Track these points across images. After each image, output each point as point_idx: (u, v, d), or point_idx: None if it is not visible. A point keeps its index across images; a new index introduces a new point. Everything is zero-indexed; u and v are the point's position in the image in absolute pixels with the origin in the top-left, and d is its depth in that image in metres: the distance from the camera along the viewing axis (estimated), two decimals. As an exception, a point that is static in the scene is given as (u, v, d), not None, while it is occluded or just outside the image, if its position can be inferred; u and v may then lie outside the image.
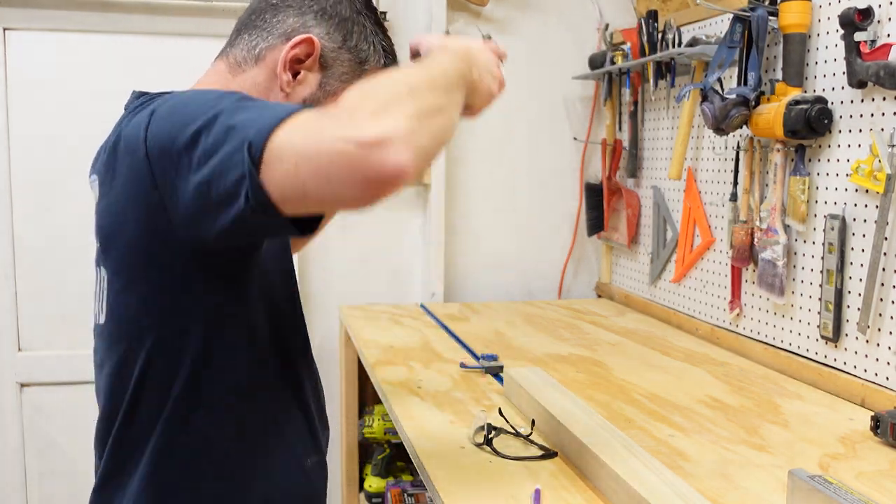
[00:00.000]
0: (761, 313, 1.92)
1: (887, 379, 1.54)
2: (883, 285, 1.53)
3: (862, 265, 1.59)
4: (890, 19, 1.52)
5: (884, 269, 1.53)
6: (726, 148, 2.01)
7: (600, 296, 2.80)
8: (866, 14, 1.53)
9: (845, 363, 1.65)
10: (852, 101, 1.61)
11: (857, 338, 1.61)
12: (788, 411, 1.55)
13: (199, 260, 1.00)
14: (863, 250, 1.59)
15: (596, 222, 2.68)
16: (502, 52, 1.11)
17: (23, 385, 2.54)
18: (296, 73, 1.11)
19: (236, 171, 0.81)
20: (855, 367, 1.62)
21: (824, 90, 1.69)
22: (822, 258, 1.68)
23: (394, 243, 2.72)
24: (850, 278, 1.62)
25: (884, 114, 1.53)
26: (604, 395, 1.64)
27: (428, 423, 1.47)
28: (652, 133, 2.42)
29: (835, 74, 1.66)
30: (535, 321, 2.34)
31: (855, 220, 1.61)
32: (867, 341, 1.58)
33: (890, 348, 1.53)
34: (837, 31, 1.63)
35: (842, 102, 1.64)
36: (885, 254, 1.52)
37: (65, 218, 2.50)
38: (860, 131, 1.60)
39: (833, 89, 1.67)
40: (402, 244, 2.73)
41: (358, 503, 2.55)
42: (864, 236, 1.59)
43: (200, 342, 1.04)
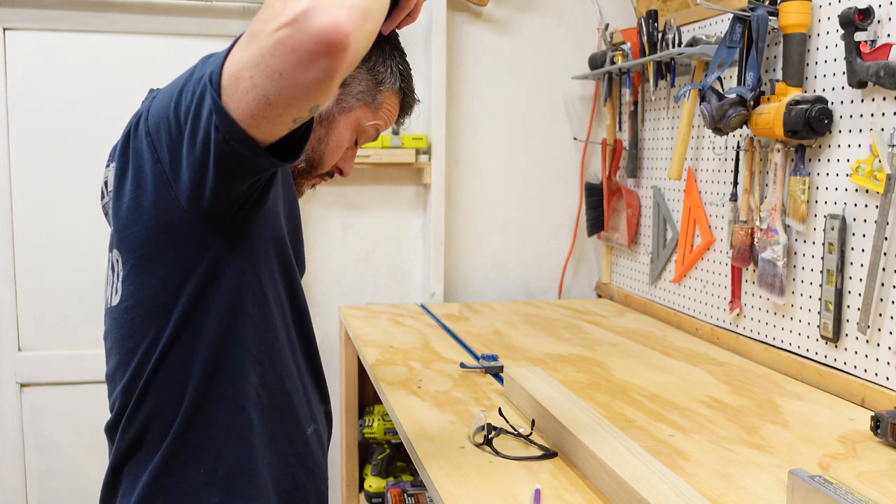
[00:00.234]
0: (761, 313, 1.92)
1: (887, 379, 1.54)
2: (883, 285, 1.53)
3: (862, 265, 1.59)
4: (890, 19, 1.52)
5: (884, 269, 1.53)
6: (726, 148, 2.01)
7: (600, 296, 2.80)
8: (866, 14, 1.53)
9: (845, 363, 1.65)
10: (852, 101, 1.61)
11: (857, 338, 1.61)
12: (788, 411, 1.55)
13: (212, 231, 1.03)
14: (863, 250, 1.59)
15: (596, 222, 2.68)
16: None
17: (23, 385, 2.54)
18: None
19: (205, 107, 0.86)
20: (855, 367, 1.62)
21: (824, 90, 1.69)
22: (822, 258, 1.68)
23: (394, 243, 2.72)
24: (850, 278, 1.62)
25: (884, 114, 1.53)
26: (604, 395, 1.64)
27: (428, 423, 1.47)
28: (652, 133, 2.42)
29: (835, 74, 1.66)
30: (535, 321, 2.34)
31: (855, 220, 1.61)
32: (867, 341, 1.58)
33: (890, 348, 1.53)
34: (837, 31, 1.63)
35: (842, 102, 1.64)
36: (885, 254, 1.52)
37: (65, 218, 2.50)
38: (860, 131, 1.60)
39: (833, 89, 1.67)
40: (402, 244, 2.73)
41: (358, 503, 2.55)
42: (864, 236, 1.59)
43: (222, 313, 1.07)
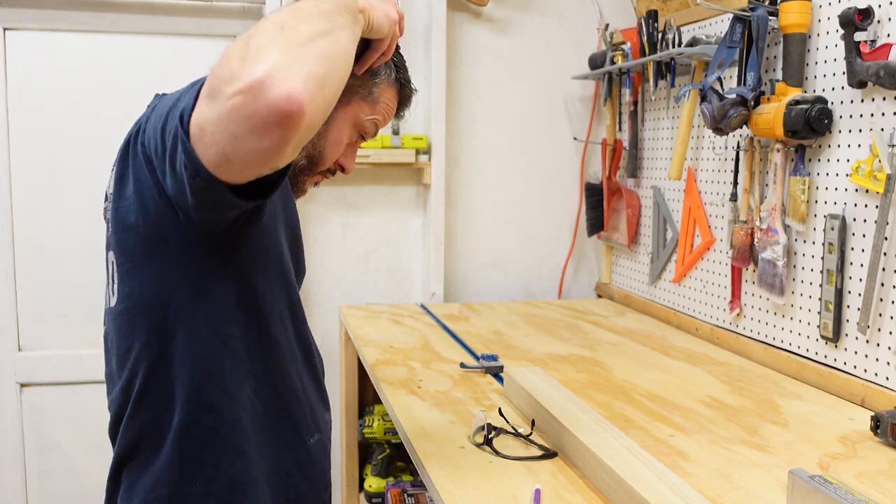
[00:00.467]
0: (761, 313, 1.92)
1: (887, 379, 1.54)
2: (883, 285, 1.53)
3: (862, 265, 1.59)
4: (890, 19, 1.52)
5: (884, 269, 1.53)
6: (726, 148, 2.01)
7: (600, 296, 2.80)
8: (866, 14, 1.53)
9: (845, 363, 1.65)
10: (852, 101, 1.61)
11: (857, 338, 1.61)
12: (788, 411, 1.55)
13: (206, 243, 1.04)
14: (863, 250, 1.59)
15: (596, 222, 2.68)
16: None
17: (23, 385, 2.54)
18: None
19: (179, 146, 0.87)
20: (855, 367, 1.62)
21: (824, 90, 1.69)
22: (822, 258, 1.68)
23: (394, 243, 2.72)
24: (850, 278, 1.62)
25: (884, 114, 1.53)
26: (604, 395, 1.64)
27: (428, 423, 1.47)
28: (652, 133, 2.42)
29: (835, 74, 1.66)
30: (535, 321, 2.34)
31: (855, 220, 1.61)
32: (867, 341, 1.58)
33: (890, 348, 1.53)
34: (837, 31, 1.63)
35: (842, 102, 1.64)
36: (885, 254, 1.52)
37: (65, 218, 2.50)
38: (860, 131, 1.60)
39: (833, 89, 1.67)
40: (402, 244, 2.73)
41: (358, 503, 2.55)
42: (864, 236, 1.59)
43: (214, 323, 1.08)
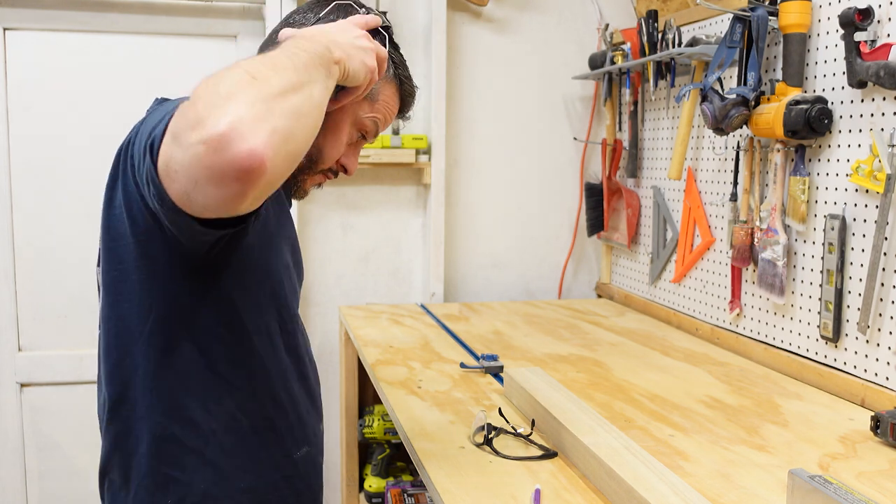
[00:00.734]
0: (761, 313, 1.92)
1: (887, 379, 1.54)
2: (883, 285, 1.53)
3: (862, 265, 1.59)
4: (890, 19, 1.52)
5: (884, 269, 1.53)
6: (726, 148, 2.01)
7: (600, 296, 2.80)
8: (866, 14, 1.53)
9: (845, 363, 1.65)
10: (852, 101, 1.61)
11: (857, 338, 1.61)
12: (788, 411, 1.55)
13: (193, 257, 1.03)
14: (863, 250, 1.59)
15: (596, 222, 2.68)
16: (370, 21, 1.08)
17: (23, 385, 2.54)
18: None
19: (148, 175, 0.88)
20: (855, 367, 1.62)
21: (824, 90, 1.69)
22: (822, 258, 1.68)
23: (394, 243, 2.72)
24: (850, 278, 1.62)
25: (884, 114, 1.53)
26: (604, 395, 1.64)
27: (428, 423, 1.47)
28: (652, 133, 2.42)
29: (835, 74, 1.66)
30: (535, 321, 2.34)
31: (855, 220, 1.61)
32: (867, 341, 1.58)
33: (890, 348, 1.53)
34: (837, 31, 1.63)
35: (842, 102, 1.64)
36: (885, 254, 1.52)
37: (65, 218, 2.50)
38: (860, 131, 1.60)
39: (833, 89, 1.67)
40: (402, 244, 2.73)
41: (358, 503, 2.55)
42: (864, 236, 1.59)
43: (195, 340, 1.08)
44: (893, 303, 1.52)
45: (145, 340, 1.07)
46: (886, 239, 1.51)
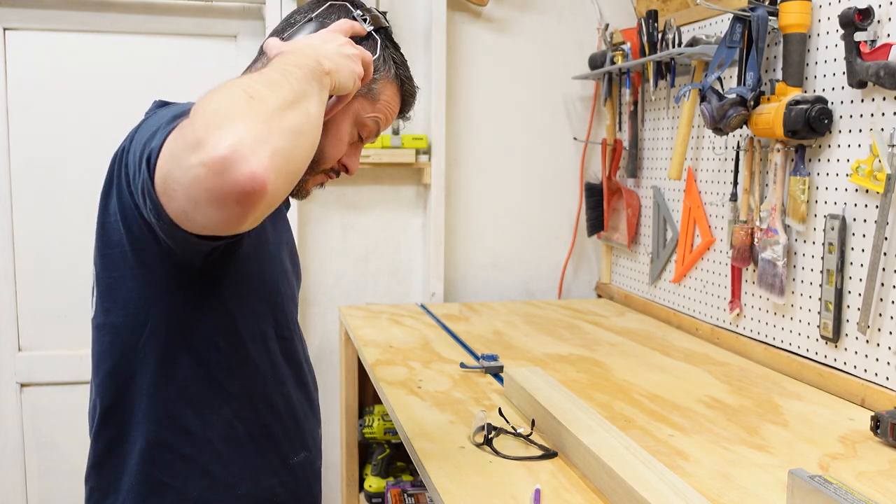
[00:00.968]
0: (761, 313, 1.92)
1: (887, 379, 1.54)
2: (883, 285, 1.53)
3: (862, 265, 1.59)
4: (890, 19, 1.52)
5: (884, 269, 1.53)
6: (726, 148, 2.01)
7: (600, 296, 2.80)
8: (866, 14, 1.53)
9: (845, 363, 1.65)
10: (852, 101, 1.61)
11: (857, 338, 1.61)
12: (788, 411, 1.55)
13: (188, 266, 1.03)
14: (863, 250, 1.59)
15: (596, 222, 2.68)
16: (354, 27, 1.08)
17: (23, 385, 2.54)
18: None
19: (146, 189, 0.86)
20: (855, 367, 1.62)
21: (824, 90, 1.69)
22: (822, 258, 1.68)
23: (394, 243, 2.72)
24: (850, 278, 1.62)
25: (884, 114, 1.53)
26: (604, 395, 1.64)
27: (428, 423, 1.47)
28: (652, 133, 2.42)
29: (835, 74, 1.66)
30: (535, 321, 2.34)
31: (855, 220, 1.61)
32: (867, 341, 1.58)
33: (890, 348, 1.53)
34: (837, 31, 1.63)
35: (842, 102, 1.64)
36: (885, 254, 1.52)
37: (65, 218, 2.50)
38: (860, 131, 1.60)
39: (833, 89, 1.67)
40: (402, 244, 2.73)
41: (358, 503, 2.55)
42: (864, 236, 1.59)
43: (190, 348, 1.08)
44: (893, 303, 1.52)
45: (141, 349, 1.07)
46: (886, 239, 1.51)
